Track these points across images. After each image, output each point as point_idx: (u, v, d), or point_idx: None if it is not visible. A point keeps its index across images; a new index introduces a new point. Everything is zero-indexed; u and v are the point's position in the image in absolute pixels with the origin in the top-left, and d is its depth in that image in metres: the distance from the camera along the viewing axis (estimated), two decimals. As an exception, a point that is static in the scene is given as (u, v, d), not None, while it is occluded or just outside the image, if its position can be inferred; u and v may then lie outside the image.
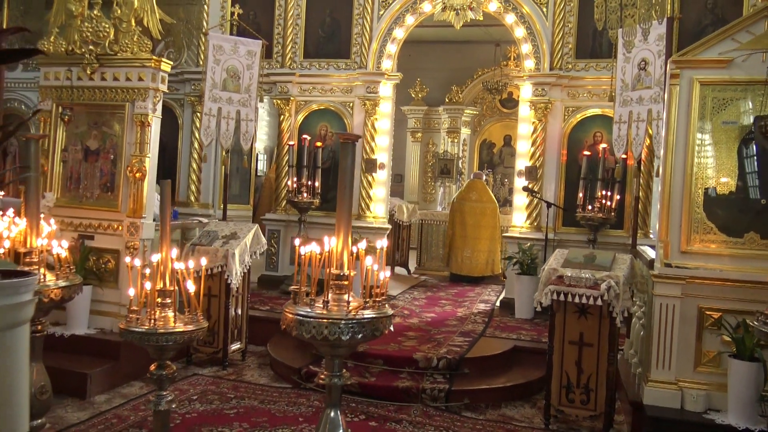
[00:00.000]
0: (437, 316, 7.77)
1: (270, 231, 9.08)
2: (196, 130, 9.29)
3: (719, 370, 4.77)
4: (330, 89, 9.09)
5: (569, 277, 5.07)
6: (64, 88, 6.20)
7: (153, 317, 2.96)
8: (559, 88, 8.23)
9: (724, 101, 4.96)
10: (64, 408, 5.13)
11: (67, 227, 6.15)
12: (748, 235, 4.89)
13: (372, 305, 2.89)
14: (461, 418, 5.32)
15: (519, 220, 8.49)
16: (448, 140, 14.71)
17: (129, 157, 6.08)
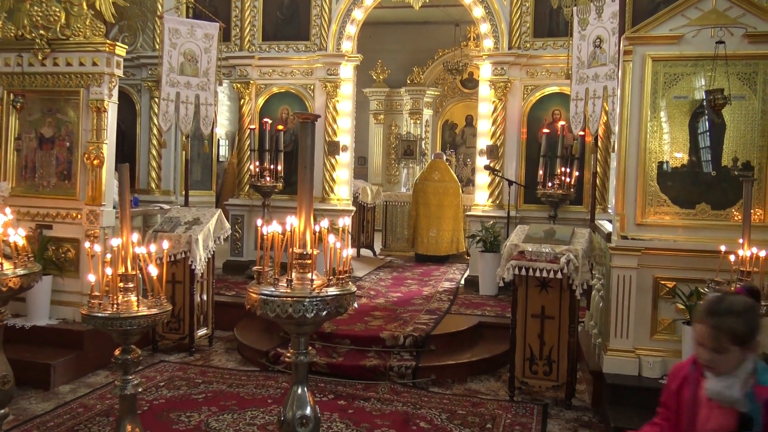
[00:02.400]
0: (403, 296, 7.85)
1: (234, 216, 9.03)
2: (154, 115, 9.14)
3: (674, 337, 4.95)
4: (290, 72, 9.02)
5: (530, 252, 5.18)
6: (15, 75, 6.03)
7: (115, 302, 2.94)
8: (518, 67, 8.32)
9: (675, 76, 5.10)
10: (27, 399, 5.07)
11: (24, 217, 6.02)
12: (700, 206, 5.06)
13: (335, 283, 2.92)
14: (428, 394, 5.42)
15: (481, 198, 8.60)
16: (410, 122, 14.75)
17: (86, 144, 5.96)
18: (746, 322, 2.14)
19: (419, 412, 4.99)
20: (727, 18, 4.87)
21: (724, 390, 2.13)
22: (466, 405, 5.20)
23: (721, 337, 2.14)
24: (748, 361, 2.12)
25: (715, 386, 2.14)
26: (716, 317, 2.17)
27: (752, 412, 2.06)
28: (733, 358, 2.13)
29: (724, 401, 2.13)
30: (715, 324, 2.16)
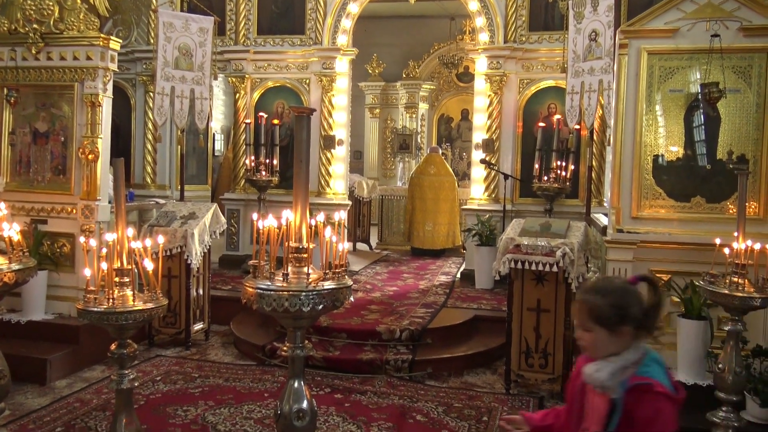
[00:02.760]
0: (399, 290, 7.86)
1: (229, 210, 9.01)
2: (149, 110, 9.10)
3: (669, 330, 4.97)
4: (285, 66, 9.00)
5: (526, 246, 5.19)
6: (9, 69, 6.00)
7: (111, 296, 2.94)
8: (514, 61, 8.32)
9: (670, 70, 5.10)
10: (24, 394, 5.06)
11: (19, 212, 6.00)
12: (695, 199, 5.08)
13: (332, 277, 2.92)
14: (425, 387, 5.43)
15: (477, 192, 8.60)
16: (406, 116, 14.73)
17: (80, 138, 5.94)
18: (612, 303, 2.10)
19: (416, 406, 5.00)
20: (722, 11, 4.88)
21: (593, 373, 2.11)
22: (463, 398, 5.22)
23: (584, 314, 2.14)
24: (633, 350, 2.08)
25: (588, 369, 2.14)
26: (584, 294, 2.19)
27: (618, 398, 2.04)
28: (602, 341, 2.10)
29: (595, 385, 2.11)
30: (581, 300, 2.18)
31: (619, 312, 2.08)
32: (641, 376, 2.03)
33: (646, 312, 2.11)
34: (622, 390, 2.03)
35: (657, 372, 2.06)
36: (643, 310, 2.10)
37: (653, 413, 1.99)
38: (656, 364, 2.08)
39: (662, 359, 2.13)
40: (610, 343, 2.09)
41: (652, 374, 2.04)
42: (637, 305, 2.10)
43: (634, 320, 2.08)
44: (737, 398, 3.91)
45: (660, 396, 2.00)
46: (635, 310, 2.09)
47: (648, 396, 2.00)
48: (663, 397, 2.00)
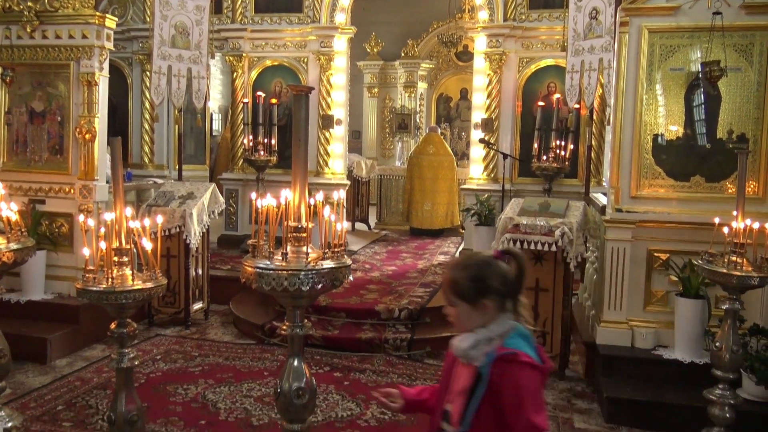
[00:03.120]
0: (398, 269, 7.88)
1: (228, 190, 9.00)
2: (146, 89, 9.05)
3: (667, 309, 4.99)
4: (283, 44, 8.93)
5: (525, 225, 5.19)
6: (4, 48, 5.94)
7: (110, 276, 2.93)
8: (513, 39, 8.26)
9: (671, 48, 5.06)
10: (24, 373, 5.09)
11: (17, 192, 5.98)
12: (694, 178, 5.07)
13: (331, 256, 2.92)
14: (423, 365, 5.47)
15: (476, 172, 8.59)
16: (405, 95, 14.65)
17: (77, 118, 5.91)
18: (471, 276, 2.11)
19: (414, 384, 5.03)
20: (724, -12, 4.82)
21: (458, 344, 2.12)
22: (461, 376, 5.25)
23: (447, 289, 2.16)
24: (499, 323, 2.08)
25: (454, 341, 2.15)
26: (448, 269, 2.22)
27: (483, 368, 2.04)
28: (466, 315, 2.12)
29: (459, 355, 2.13)
30: (445, 275, 2.21)
31: (478, 285, 2.09)
32: (506, 347, 2.04)
33: (507, 285, 2.10)
34: (487, 361, 2.04)
35: (522, 344, 2.06)
36: (504, 283, 2.10)
37: (519, 382, 1.99)
38: (522, 338, 2.08)
39: (530, 334, 2.12)
40: (474, 316, 2.10)
41: (518, 346, 2.04)
42: (497, 278, 2.09)
43: (495, 293, 2.08)
44: (734, 376, 3.93)
45: (525, 365, 2.01)
46: (495, 283, 2.08)
47: (513, 366, 2.01)
48: (528, 366, 2.01)
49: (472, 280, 2.11)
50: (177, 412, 4.42)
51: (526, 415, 1.97)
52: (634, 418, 4.42)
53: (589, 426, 4.43)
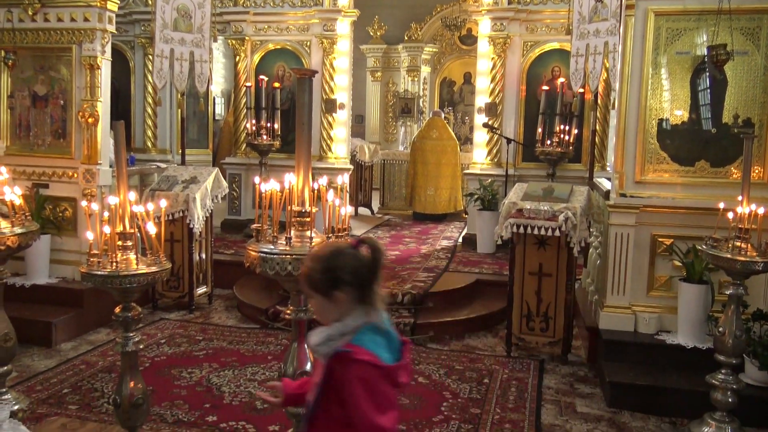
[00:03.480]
0: (401, 254, 7.89)
1: (231, 175, 8.99)
2: (148, 73, 9.02)
3: (670, 294, 5.00)
4: (286, 28, 8.87)
5: (528, 210, 5.18)
6: (6, 31, 5.92)
7: (114, 260, 2.94)
8: (518, 23, 8.19)
9: (677, 31, 5.01)
10: (30, 357, 5.13)
11: (20, 176, 5.99)
12: (699, 163, 5.04)
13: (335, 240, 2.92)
14: (426, 350, 5.49)
15: (479, 156, 8.56)
16: (408, 79, 14.58)
17: (80, 102, 5.90)
18: (322, 268, 2.02)
19: (417, 368, 5.05)
20: (732, -30, 4.77)
21: (309, 337, 2.07)
22: (464, 361, 5.28)
23: (302, 280, 2.09)
24: (353, 317, 2.00)
25: (310, 335, 2.10)
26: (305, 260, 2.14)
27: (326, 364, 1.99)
28: (322, 307, 2.05)
29: (311, 350, 2.10)
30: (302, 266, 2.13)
31: (329, 277, 2.00)
32: (349, 344, 1.95)
33: (360, 276, 2.01)
34: (329, 357, 1.98)
35: (369, 341, 1.97)
36: (356, 275, 2.00)
37: (354, 380, 1.90)
38: (375, 334, 1.99)
39: (390, 330, 2.03)
40: (330, 309, 2.02)
41: (363, 342, 1.95)
42: (348, 270, 2.00)
43: (348, 285, 1.99)
44: (737, 361, 3.94)
45: (362, 363, 1.91)
46: (346, 275, 1.99)
47: (350, 363, 1.92)
48: (365, 364, 1.91)
49: (323, 272, 2.01)
50: (182, 396, 4.45)
51: (369, 415, 1.89)
52: (636, 403, 4.44)
53: (592, 410, 4.45)
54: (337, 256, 2.03)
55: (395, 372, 1.96)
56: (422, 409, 4.36)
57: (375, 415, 1.89)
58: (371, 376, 1.91)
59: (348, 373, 1.91)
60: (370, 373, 1.91)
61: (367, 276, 2.01)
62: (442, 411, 4.33)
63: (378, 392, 1.91)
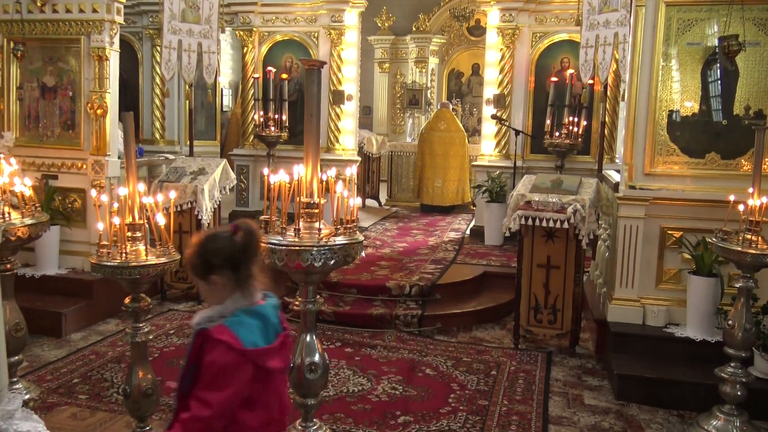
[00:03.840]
0: (409, 246, 7.88)
1: (239, 166, 9.00)
2: (156, 64, 9.02)
3: (679, 287, 4.97)
4: (294, 19, 8.85)
5: (537, 202, 5.16)
6: (15, 22, 5.93)
7: (124, 251, 2.95)
8: (527, 14, 8.13)
9: (689, 22, 4.97)
10: (40, 347, 5.16)
11: (30, 167, 6.01)
12: (709, 155, 5.01)
13: (343, 232, 2.92)
14: (434, 341, 5.49)
15: (488, 148, 8.53)
16: (416, 70, 14.51)
17: (88, 93, 5.91)
18: (197, 253, 2.10)
19: (425, 360, 5.06)
20: (744, -40, 4.71)
21: (194, 318, 2.13)
22: (471, 352, 5.28)
23: (186, 266, 2.16)
24: (232, 300, 2.07)
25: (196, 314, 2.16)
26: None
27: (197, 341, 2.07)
28: (204, 291, 2.14)
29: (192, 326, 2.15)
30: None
31: (204, 262, 2.08)
32: (219, 325, 2.02)
33: (232, 261, 2.07)
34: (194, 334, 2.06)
35: (238, 323, 2.02)
36: (229, 260, 2.07)
37: (210, 360, 1.97)
38: (249, 317, 2.05)
39: (268, 314, 2.10)
40: (211, 292, 2.10)
41: (232, 324, 2.01)
42: (221, 255, 2.07)
43: (223, 269, 2.06)
44: (746, 354, 3.92)
45: (219, 344, 1.97)
46: (218, 260, 2.06)
47: (209, 343, 1.99)
48: (223, 345, 1.97)
49: (198, 257, 2.09)
50: (190, 386, 4.47)
51: (200, 387, 1.97)
52: (644, 395, 4.43)
53: (600, 403, 4.45)
54: (210, 242, 2.11)
55: (258, 356, 2.01)
56: (430, 400, 4.37)
57: (207, 393, 1.96)
58: (224, 357, 1.96)
59: (208, 351, 1.99)
60: (223, 354, 1.96)
61: (240, 260, 2.08)
62: (449, 403, 4.34)
63: (224, 373, 1.96)
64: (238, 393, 1.98)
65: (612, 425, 4.14)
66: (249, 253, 2.10)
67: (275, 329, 2.10)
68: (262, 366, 2.01)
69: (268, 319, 2.09)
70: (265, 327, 2.06)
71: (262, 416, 2.05)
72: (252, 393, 2.03)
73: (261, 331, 2.05)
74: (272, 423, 2.11)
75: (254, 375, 2.00)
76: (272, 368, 2.04)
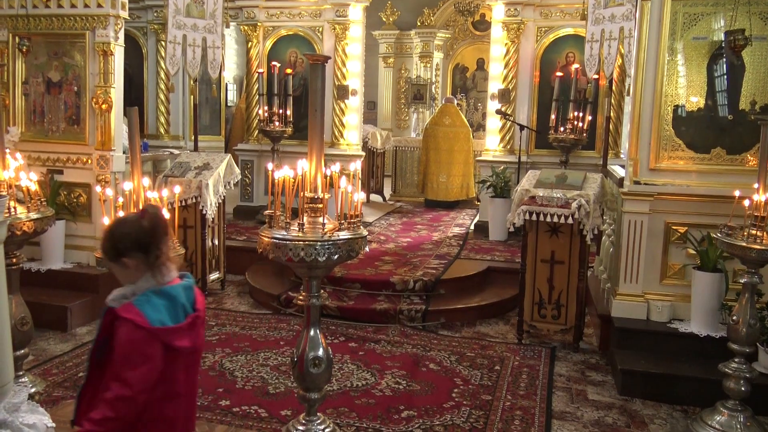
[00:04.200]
0: (413, 241, 7.89)
1: (243, 161, 9.01)
2: (161, 59, 9.03)
3: (684, 282, 4.96)
4: (298, 13, 8.84)
5: (541, 197, 5.15)
6: (20, 17, 5.94)
7: (129, 246, 2.96)
8: (532, 8, 8.11)
9: (694, 17, 4.94)
10: (46, 341, 5.19)
11: (35, 162, 6.03)
12: (715, 150, 4.99)
13: (347, 227, 2.93)
14: (438, 336, 5.50)
15: (492, 143, 8.52)
16: (420, 65, 14.49)
17: (93, 88, 5.92)
18: (107, 237, 2.22)
19: (429, 354, 5.07)
20: (751, -46, 4.68)
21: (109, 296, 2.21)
22: (475, 347, 5.29)
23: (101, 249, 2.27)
24: (143, 281, 2.16)
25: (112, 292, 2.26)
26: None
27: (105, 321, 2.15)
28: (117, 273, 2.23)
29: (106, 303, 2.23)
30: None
31: (112, 245, 2.18)
32: (127, 303, 2.12)
33: (140, 243, 2.17)
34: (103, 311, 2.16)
35: (146, 302, 2.11)
36: (136, 242, 2.16)
37: (120, 339, 2.06)
38: (158, 297, 2.14)
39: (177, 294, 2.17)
40: (123, 274, 2.20)
41: (141, 303, 2.11)
42: (129, 238, 2.17)
43: (132, 251, 2.16)
44: (750, 350, 3.92)
45: (126, 322, 2.06)
46: (126, 243, 2.16)
47: (117, 321, 2.08)
48: (130, 324, 2.05)
49: (108, 240, 2.20)
50: (195, 380, 4.49)
51: (116, 366, 2.05)
52: (648, 391, 4.43)
53: (603, 398, 4.45)
54: (118, 227, 2.24)
55: (165, 334, 2.10)
56: (433, 395, 4.38)
57: (125, 371, 2.04)
58: (133, 334, 2.05)
59: (117, 329, 2.08)
60: (132, 332, 2.06)
61: (149, 243, 2.18)
62: (453, 397, 4.35)
63: (136, 350, 2.06)
64: (153, 368, 2.08)
65: (615, 420, 4.14)
66: (156, 236, 2.19)
67: (185, 309, 2.19)
68: (169, 344, 2.10)
69: (177, 298, 2.18)
70: (173, 307, 2.16)
71: (162, 391, 2.14)
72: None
73: (168, 310, 2.14)
74: (177, 398, 2.20)
75: (163, 353, 2.09)
76: (180, 347, 2.13)
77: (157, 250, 2.18)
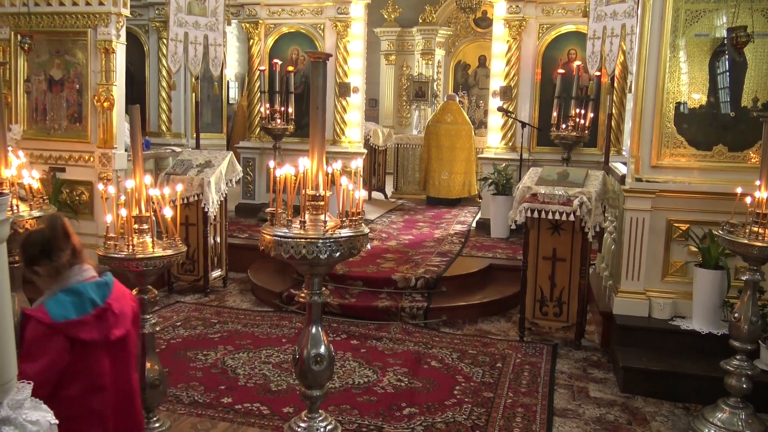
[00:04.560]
0: (415, 238, 7.89)
1: (245, 159, 9.02)
2: (163, 57, 9.04)
3: (685, 279, 4.96)
4: (300, 11, 8.83)
5: (543, 195, 5.15)
6: (22, 15, 5.95)
7: (131, 243, 2.97)
8: (534, 5, 8.10)
9: (696, 13, 4.93)
10: (49, 338, 5.20)
11: (37, 160, 6.05)
12: (717, 147, 4.98)
13: (348, 224, 2.93)
14: (439, 334, 5.51)
15: (494, 140, 8.51)
16: (422, 62, 14.46)
17: (95, 86, 5.94)
18: (20, 248, 2.38)
19: (430, 352, 5.08)
20: (753, -50, 4.67)
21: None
22: (477, 345, 5.29)
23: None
24: (57, 283, 2.30)
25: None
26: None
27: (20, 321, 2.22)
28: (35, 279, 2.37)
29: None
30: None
31: (24, 256, 2.36)
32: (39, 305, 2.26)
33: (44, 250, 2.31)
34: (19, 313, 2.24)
35: (53, 301, 2.24)
36: (42, 250, 2.31)
37: (23, 335, 2.15)
38: (65, 295, 2.26)
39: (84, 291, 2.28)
40: (40, 282, 2.36)
41: (47, 302, 2.24)
42: (36, 248, 2.33)
43: (41, 259, 2.31)
44: (752, 347, 3.92)
45: (30, 320, 2.18)
46: (32, 252, 2.33)
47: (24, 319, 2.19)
48: (33, 320, 2.17)
49: (21, 253, 2.38)
50: (197, 377, 4.51)
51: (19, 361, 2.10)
52: (649, 388, 4.44)
53: (605, 395, 4.45)
54: (27, 238, 2.40)
55: (68, 327, 2.21)
56: (435, 392, 4.38)
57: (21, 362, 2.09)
58: (34, 330, 2.17)
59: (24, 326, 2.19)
60: (33, 327, 2.18)
61: (51, 248, 2.32)
62: (454, 395, 4.35)
63: (35, 344, 2.17)
64: (53, 363, 2.17)
65: (617, 417, 4.14)
66: (57, 240, 2.33)
67: (93, 303, 2.28)
68: (74, 337, 2.20)
69: (84, 294, 2.28)
70: (80, 302, 2.26)
71: (82, 384, 2.22)
72: (69, 364, 2.20)
73: (74, 305, 2.24)
74: (102, 391, 2.28)
75: (71, 347, 2.19)
76: (86, 339, 2.22)
77: (61, 252, 2.31)
